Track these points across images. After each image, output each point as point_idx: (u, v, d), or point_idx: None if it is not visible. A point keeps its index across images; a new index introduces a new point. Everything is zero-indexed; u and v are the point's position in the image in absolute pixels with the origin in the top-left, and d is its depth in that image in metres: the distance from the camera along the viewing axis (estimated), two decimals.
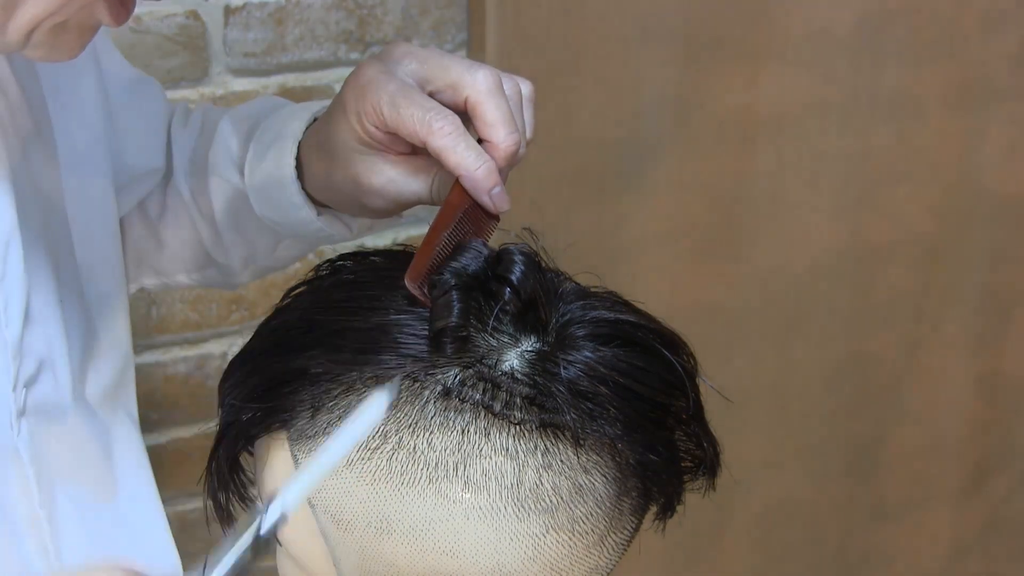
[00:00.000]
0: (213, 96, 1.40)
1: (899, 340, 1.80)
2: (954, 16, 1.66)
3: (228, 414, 0.72)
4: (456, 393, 0.66)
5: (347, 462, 0.67)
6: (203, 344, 1.48)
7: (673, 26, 1.53)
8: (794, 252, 1.70)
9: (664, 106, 1.56)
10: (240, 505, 0.74)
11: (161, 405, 1.48)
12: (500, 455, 0.66)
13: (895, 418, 1.84)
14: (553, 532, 0.67)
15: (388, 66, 0.74)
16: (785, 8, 1.58)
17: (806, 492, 1.84)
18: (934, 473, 1.90)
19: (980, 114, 1.72)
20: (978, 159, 1.75)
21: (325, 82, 1.43)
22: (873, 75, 1.65)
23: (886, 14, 1.62)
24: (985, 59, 1.69)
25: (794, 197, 1.67)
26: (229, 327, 1.48)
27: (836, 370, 1.78)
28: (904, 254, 1.75)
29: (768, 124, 1.62)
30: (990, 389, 1.88)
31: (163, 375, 1.47)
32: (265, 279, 1.43)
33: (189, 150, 0.96)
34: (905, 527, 1.91)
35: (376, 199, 0.77)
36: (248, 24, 1.39)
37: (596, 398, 0.67)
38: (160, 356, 1.47)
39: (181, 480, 1.52)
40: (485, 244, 0.72)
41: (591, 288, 0.72)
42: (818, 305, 1.74)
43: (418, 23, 1.45)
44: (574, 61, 1.51)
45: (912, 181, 1.72)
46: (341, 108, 0.76)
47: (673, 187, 1.60)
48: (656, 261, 1.62)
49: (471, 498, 0.66)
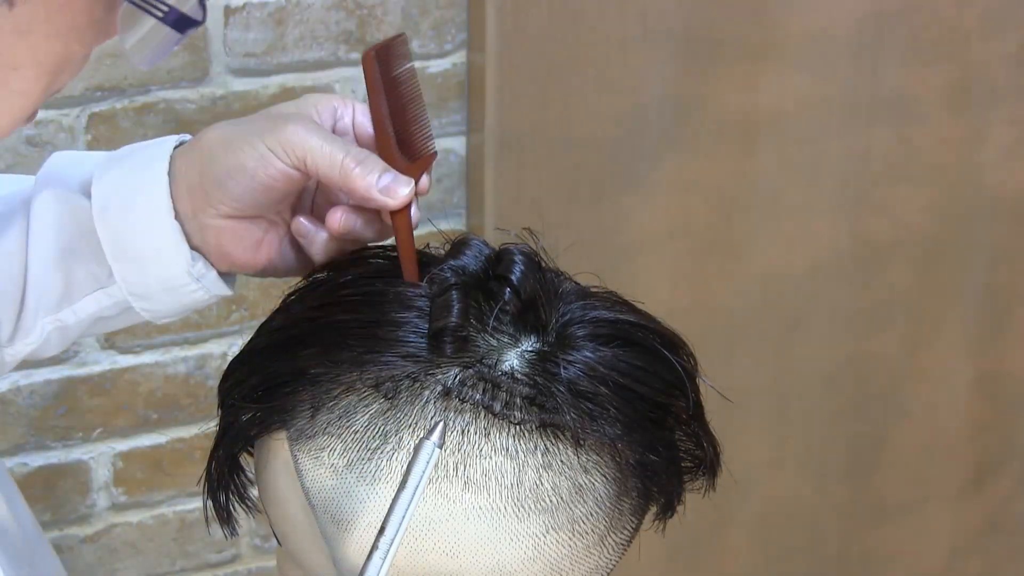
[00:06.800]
0: (213, 96, 1.40)
1: (899, 340, 1.80)
2: (954, 16, 1.66)
3: (228, 414, 0.72)
4: (456, 393, 0.66)
5: (347, 463, 0.67)
6: (203, 344, 1.48)
7: (673, 26, 1.53)
8: (794, 252, 1.70)
9: (664, 106, 1.56)
10: (240, 505, 0.74)
11: (161, 405, 1.48)
12: (500, 455, 0.66)
13: (895, 418, 1.84)
14: (553, 532, 0.67)
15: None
16: (785, 8, 1.57)
17: (806, 492, 1.83)
18: (934, 473, 1.90)
19: (980, 114, 1.72)
20: (978, 159, 1.74)
21: (325, 82, 1.43)
22: (873, 75, 1.65)
23: (886, 14, 1.62)
24: (985, 59, 1.69)
25: (794, 197, 1.67)
26: (229, 327, 1.48)
27: (836, 370, 1.78)
28: (904, 254, 1.75)
29: (768, 124, 1.62)
30: (990, 389, 1.88)
31: (163, 375, 1.47)
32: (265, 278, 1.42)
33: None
34: (905, 527, 1.91)
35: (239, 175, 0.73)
36: (248, 24, 1.39)
37: (596, 398, 0.67)
38: (160, 356, 1.47)
39: (181, 480, 1.52)
40: (486, 244, 0.72)
41: (591, 288, 0.72)
42: (818, 305, 1.74)
43: (418, 23, 1.45)
44: (574, 61, 1.51)
45: (912, 181, 1.72)
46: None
47: (673, 187, 1.60)
48: (656, 261, 1.62)
49: (471, 498, 0.66)
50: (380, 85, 0.71)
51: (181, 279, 0.75)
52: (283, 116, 0.73)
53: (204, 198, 0.73)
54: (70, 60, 0.56)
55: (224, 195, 0.72)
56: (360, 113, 0.74)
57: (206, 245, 0.75)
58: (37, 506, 1.47)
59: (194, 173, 0.73)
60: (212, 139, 0.74)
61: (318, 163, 0.70)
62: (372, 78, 0.71)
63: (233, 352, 1.47)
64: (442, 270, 0.69)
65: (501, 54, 1.47)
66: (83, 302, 0.78)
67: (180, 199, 0.74)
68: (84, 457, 1.48)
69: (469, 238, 0.72)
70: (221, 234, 0.74)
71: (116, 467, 1.49)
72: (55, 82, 0.56)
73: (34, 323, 0.79)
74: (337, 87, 1.44)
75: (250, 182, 0.71)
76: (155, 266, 0.75)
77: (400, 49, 0.73)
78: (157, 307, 0.78)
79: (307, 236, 0.74)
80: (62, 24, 0.55)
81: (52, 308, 0.78)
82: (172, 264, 0.75)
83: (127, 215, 0.74)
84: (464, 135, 1.51)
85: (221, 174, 0.72)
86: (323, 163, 0.70)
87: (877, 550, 1.91)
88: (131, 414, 1.48)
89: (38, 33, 0.54)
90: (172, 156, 0.75)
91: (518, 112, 1.48)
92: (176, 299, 0.77)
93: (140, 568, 1.55)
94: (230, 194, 0.72)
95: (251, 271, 0.77)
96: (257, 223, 0.74)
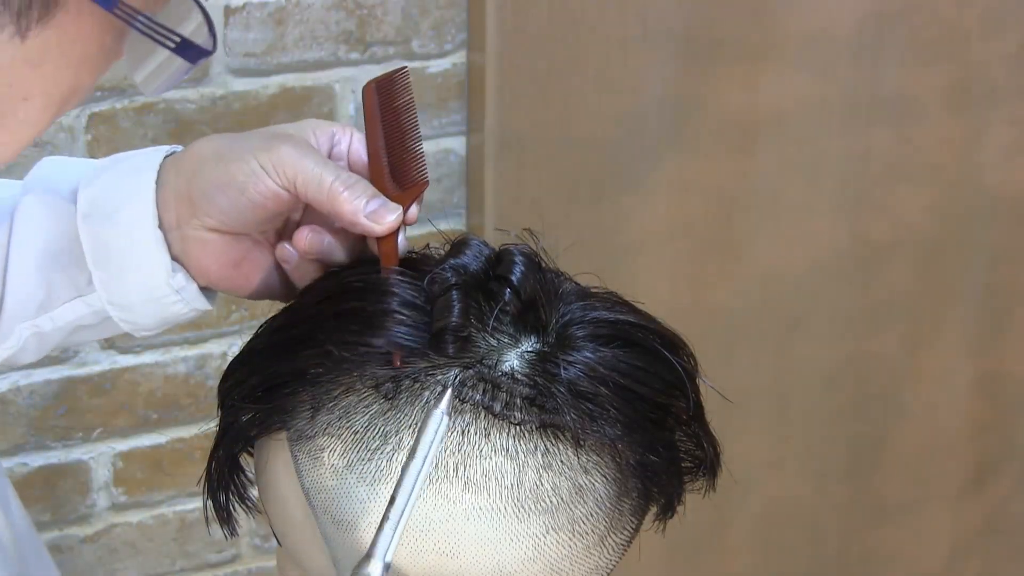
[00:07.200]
0: (213, 96, 1.40)
1: (899, 340, 1.80)
2: (954, 16, 1.66)
3: (228, 414, 0.72)
4: (456, 393, 0.66)
5: (347, 464, 0.67)
6: (203, 344, 1.48)
7: (673, 26, 1.53)
8: (794, 252, 1.70)
9: (664, 106, 1.56)
10: (240, 506, 0.74)
11: (161, 405, 1.48)
12: (500, 455, 0.66)
13: (895, 418, 1.84)
14: (553, 532, 0.67)
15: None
16: (785, 8, 1.58)
17: (806, 492, 1.83)
18: (934, 473, 1.90)
19: (980, 114, 1.72)
20: (978, 159, 1.74)
21: (325, 82, 1.43)
22: (873, 75, 1.65)
23: (886, 14, 1.62)
24: (985, 59, 1.69)
25: (794, 197, 1.67)
26: (229, 327, 1.48)
27: (836, 370, 1.78)
28: (904, 254, 1.75)
29: (768, 124, 1.62)
30: (990, 389, 1.88)
31: (163, 375, 1.47)
32: None
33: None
34: (905, 527, 1.91)
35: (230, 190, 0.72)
36: (248, 24, 1.39)
37: (596, 399, 0.67)
38: (160, 356, 1.47)
39: (181, 480, 1.52)
40: (486, 244, 0.72)
41: (591, 288, 0.72)
42: (818, 305, 1.74)
43: (418, 23, 1.45)
44: (574, 61, 1.51)
45: (912, 181, 1.72)
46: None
47: (673, 187, 1.60)
48: (656, 261, 1.62)
49: (471, 498, 0.66)
50: (378, 116, 0.72)
51: (161, 290, 0.75)
52: (278, 136, 0.73)
53: (190, 209, 0.73)
54: (79, 89, 0.56)
55: (211, 207, 0.72)
56: (357, 141, 0.74)
57: (187, 257, 0.74)
58: (37, 506, 1.47)
59: (183, 182, 0.73)
60: (205, 150, 0.73)
61: (308, 185, 0.70)
62: (371, 109, 0.72)
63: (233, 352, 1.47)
64: (443, 270, 0.69)
65: (501, 54, 1.47)
66: (61, 309, 0.77)
67: (166, 209, 0.73)
68: (84, 457, 1.48)
69: (469, 238, 0.72)
70: (203, 247, 0.73)
71: (116, 467, 1.49)
72: (62, 110, 0.56)
73: (11, 328, 0.78)
74: (337, 87, 1.44)
75: (239, 197, 0.71)
76: (135, 274, 0.74)
77: (401, 82, 0.73)
78: (137, 319, 0.77)
79: (290, 262, 0.74)
80: (73, 56, 0.54)
81: (30, 314, 0.78)
82: (152, 274, 0.74)
83: (111, 221, 0.74)
84: (464, 135, 1.51)
85: (210, 186, 0.72)
86: (312, 185, 0.70)
87: (877, 550, 1.91)
88: (131, 414, 1.48)
89: (49, 64, 0.54)
90: (162, 165, 0.74)
91: (518, 112, 1.48)
92: (156, 311, 0.76)
93: (140, 568, 1.55)
94: (217, 207, 0.72)
95: (228, 289, 0.76)
96: (240, 240, 0.74)
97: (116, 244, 0.74)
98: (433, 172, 1.51)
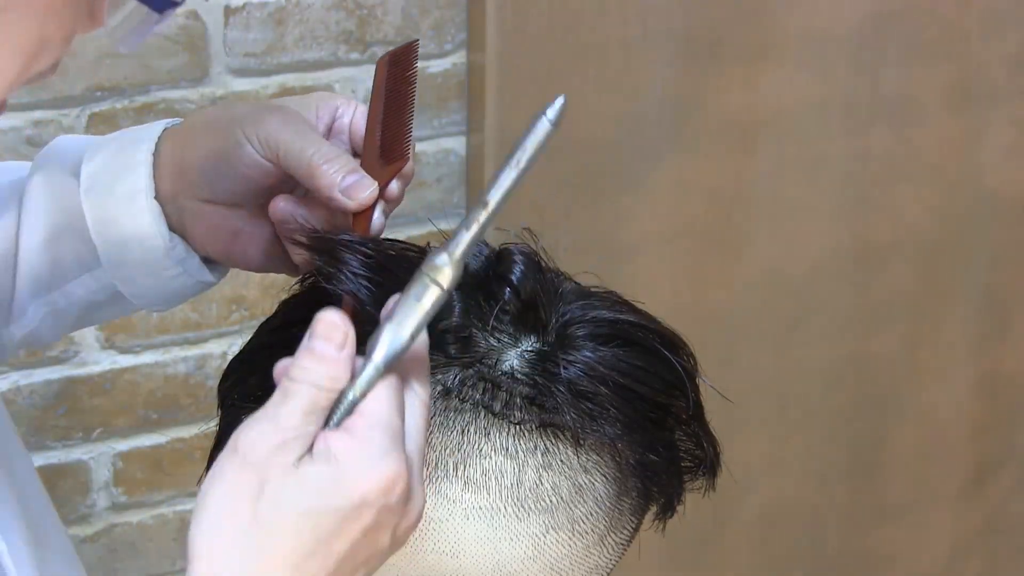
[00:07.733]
0: (213, 96, 1.40)
1: (899, 340, 1.80)
2: (954, 16, 1.66)
3: (228, 414, 0.72)
4: (456, 393, 0.66)
5: None
6: (203, 344, 1.48)
7: (673, 26, 1.53)
8: (794, 252, 1.70)
9: (664, 106, 1.56)
10: None
11: (161, 405, 1.48)
12: (500, 455, 0.66)
13: (895, 418, 1.84)
14: (553, 532, 0.67)
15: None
16: (785, 8, 1.58)
17: (806, 492, 1.83)
18: (934, 473, 1.90)
19: (980, 114, 1.72)
20: (978, 159, 1.74)
21: (325, 82, 1.43)
22: (873, 75, 1.65)
23: (886, 14, 1.62)
24: (985, 59, 1.69)
25: (794, 197, 1.67)
26: (229, 327, 1.48)
27: (836, 370, 1.78)
28: (904, 254, 1.75)
29: (768, 124, 1.62)
30: (990, 389, 1.88)
31: (163, 375, 1.47)
32: (266, 278, 1.43)
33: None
34: (905, 527, 1.91)
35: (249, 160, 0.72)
36: (248, 24, 1.39)
37: (596, 398, 0.67)
38: (160, 356, 1.47)
39: (181, 480, 1.52)
40: (486, 244, 0.72)
41: (591, 288, 0.72)
42: (818, 305, 1.74)
43: (418, 23, 1.45)
44: (574, 61, 1.51)
45: (912, 181, 1.72)
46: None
47: (673, 187, 1.60)
48: (656, 261, 1.62)
49: (471, 498, 0.66)
50: (383, 90, 0.72)
51: (161, 261, 0.75)
52: (269, 107, 0.73)
53: (184, 180, 0.73)
54: (46, 43, 0.56)
55: (201, 178, 0.72)
56: (360, 115, 0.74)
57: (185, 229, 0.75)
58: None
59: (177, 153, 0.74)
60: (197, 121, 0.74)
61: (288, 156, 0.70)
62: (380, 82, 0.72)
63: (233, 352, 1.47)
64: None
65: (501, 54, 1.47)
66: (72, 285, 0.78)
67: (163, 180, 0.74)
68: (84, 457, 1.48)
69: None
70: (199, 219, 0.74)
71: (116, 467, 1.49)
72: (31, 66, 0.56)
73: (26, 305, 0.79)
74: (337, 87, 1.44)
75: (226, 168, 0.71)
76: (136, 246, 0.75)
77: (413, 54, 0.73)
78: (143, 292, 0.78)
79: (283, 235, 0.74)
80: (38, 3, 0.55)
81: (43, 290, 0.79)
82: (152, 246, 0.75)
83: (110, 193, 0.75)
84: (464, 135, 1.51)
85: (199, 157, 0.72)
86: (292, 157, 0.70)
87: (877, 550, 1.91)
88: (131, 414, 1.48)
89: (12, 11, 0.54)
90: (161, 137, 0.75)
91: (518, 112, 1.48)
92: (160, 284, 0.77)
93: (140, 568, 1.55)
94: (206, 177, 0.72)
95: (229, 261, 0.76)
96: (236, 212, 0.74)
97: (116, 216, 0.75)
98: (433, 172, 1.50)
